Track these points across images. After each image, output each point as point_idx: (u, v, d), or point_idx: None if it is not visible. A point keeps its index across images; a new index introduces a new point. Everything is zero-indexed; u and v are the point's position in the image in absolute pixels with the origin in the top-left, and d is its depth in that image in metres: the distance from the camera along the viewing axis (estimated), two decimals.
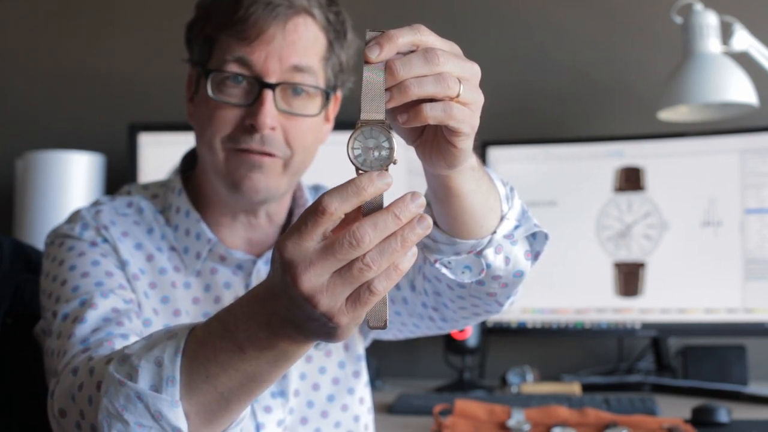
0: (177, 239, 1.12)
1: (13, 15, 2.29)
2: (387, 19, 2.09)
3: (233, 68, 1.05)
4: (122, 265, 1.08)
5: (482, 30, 2.14)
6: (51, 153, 1.97)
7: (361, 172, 0.66)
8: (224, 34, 1.06)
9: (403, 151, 0.68)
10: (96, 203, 1.15)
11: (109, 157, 2.07)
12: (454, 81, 0.69)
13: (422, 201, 0.66)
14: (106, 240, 1.08)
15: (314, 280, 0.66)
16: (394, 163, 0.66)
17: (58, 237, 1.10)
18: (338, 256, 0.65)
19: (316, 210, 0.64)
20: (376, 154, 0.65)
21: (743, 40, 1.82)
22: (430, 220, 0.66)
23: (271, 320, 0.71)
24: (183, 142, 1.41)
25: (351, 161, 0.66)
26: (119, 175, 2.00)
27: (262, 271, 1.12)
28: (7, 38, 2.28)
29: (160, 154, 1.95)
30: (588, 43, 2.12)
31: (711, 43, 1.81)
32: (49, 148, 2.01)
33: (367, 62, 0.66)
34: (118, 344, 0.92)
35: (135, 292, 1.06)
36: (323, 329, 0.69)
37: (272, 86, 1.05)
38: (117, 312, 0.98)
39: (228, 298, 1.10)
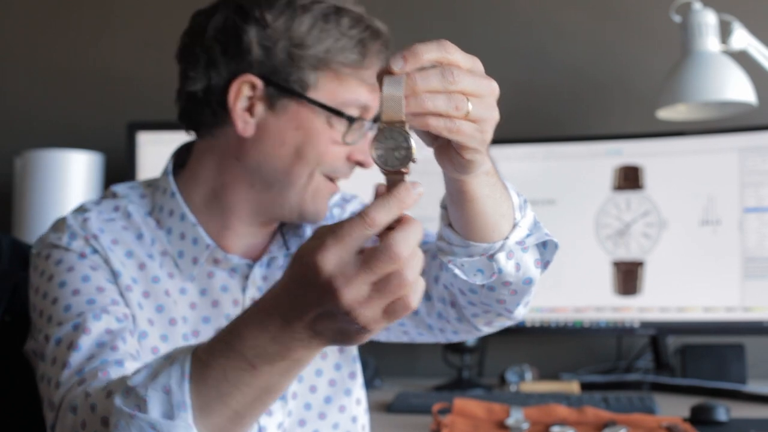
0: (170, 242, 1.09)
1: (12, 13, 2.29)
2: (386, 17, 2.09)
3: (358, 113, 1.07)
4: (114, 276, 1.04)
5: (481, 28, 2.14)
6: (50, 152, 1.97)
7: (385, 171, 0.70)
8: (351, 76, 1.06)
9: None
10: (81, 209, 1.10)
11: (108, 156, 2.07)
12: (463, 101, 0.72)
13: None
14: (95, 250, 1.05)
15: (355, 293, 0.67)
16: (414, 162, 0.69)
17: (45, 247, 1.06)
18: (376, 271, 0.66)
19: (364, 222, 0.67)
20: (397, 154, 0.69)
21: (742, 38, 1.82)
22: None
23: (281, 334, 0.71)
24: (182, 140, 1.41)
25: (375, 162, 0.70)
26: (118, 174, 2.00)
27: (256, 275, 1.12)
28: (6, 37, 2.28)
29: (159, 153, 1.94)
30: (587, 42, 2.12)
31: (710, 41, 1.81)
32: (48, 147, 2.01)
33: (389, 72, 0.70)
34: (113, 372, 0.90)
35: (129, 304, 1.03)
36: (350, 337, 0.71)
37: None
38: (111, 333, 0.96)
39: (227, 302, 1.09)
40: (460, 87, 0.72)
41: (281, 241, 1.15)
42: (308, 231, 1.16)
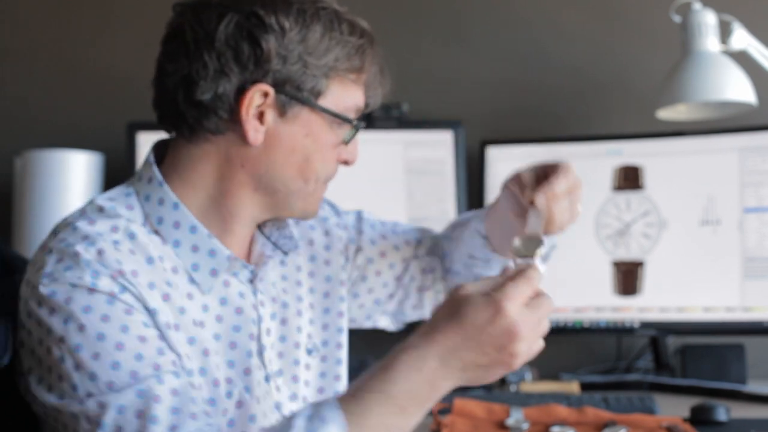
0: (179, 256, 1.03)
1: (12, 13, 2.29)
2: (387, 17, 2.09)
3: (354, 115, 1.09)
4: (150, 314, 0.96)
5: (481, 28, 2.14)
6: (50, 152, 1.96)
7: (521, 257, 0.97)
8: (353, 81, 1.07)
9: (402, 150, 0.70)
10: (82, 236, 0.98)
11: (108, 156, 2.07)
12: (577, 206, 1.09)
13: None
14: (125, 288, 0.95)
15: (528, 334, 0.84)
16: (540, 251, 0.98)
17: (62, 287, 0.94)
18: (542, 315, 0.87)
19: (532, 284, 0.88)
20: (530, 244, 0.99)
21: (742, 38, 1.82)
22: None
23: (434, 375, 0.85)
24: None
25: (513, 251, 0.98)
26: (118, 174, 2.00)
27: (258, 276, 1.10)
28: (6, 36, 2.28)
29: None
30: (587, 42, 2.12)
31: (710, 41, 1.81)
32: (48, 147, 2.01)
33: (532, 202, 1.06)
34: None
35: (171, 345, 0.97)
36: (489, 375, 0.89)
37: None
38: (179, 395, 0.90)
39: (247, 307, 1.07)
40: (577, 199, 1.08)
41: (269, 243, 1.14)
42: (294, 230, 1.16)
